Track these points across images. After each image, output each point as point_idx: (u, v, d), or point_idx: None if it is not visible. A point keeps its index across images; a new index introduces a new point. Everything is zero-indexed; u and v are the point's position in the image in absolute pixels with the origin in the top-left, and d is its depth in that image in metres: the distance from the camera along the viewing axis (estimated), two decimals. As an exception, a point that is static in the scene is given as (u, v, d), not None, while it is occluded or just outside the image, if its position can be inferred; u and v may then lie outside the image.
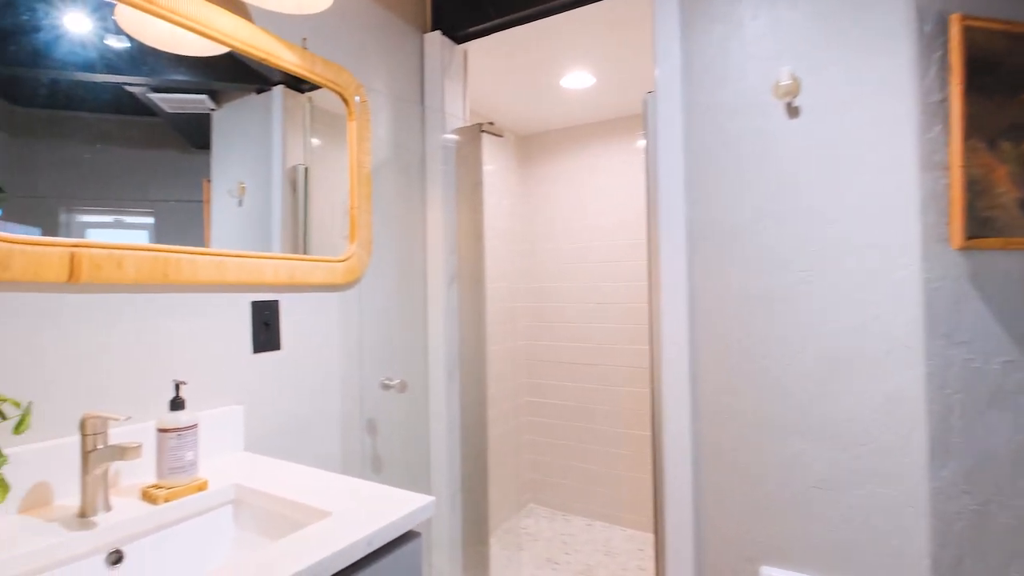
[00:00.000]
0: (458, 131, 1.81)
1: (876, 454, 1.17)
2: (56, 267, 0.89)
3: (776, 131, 1.28)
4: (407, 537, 0.87)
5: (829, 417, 1.22)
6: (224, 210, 1.18)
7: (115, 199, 1.00)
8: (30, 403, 0.81)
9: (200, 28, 1.11)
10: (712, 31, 1.35)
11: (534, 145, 3.08)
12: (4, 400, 0.78)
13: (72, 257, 0.91)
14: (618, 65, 2.15)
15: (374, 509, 0.85)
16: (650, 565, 2.43)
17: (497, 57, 2.07)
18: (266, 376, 1.26)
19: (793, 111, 1.26)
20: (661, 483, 1.42)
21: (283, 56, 1.29)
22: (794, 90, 1.25)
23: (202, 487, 0.94)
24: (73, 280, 0.91)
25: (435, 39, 1.79)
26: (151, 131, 1.05)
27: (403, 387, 1.54)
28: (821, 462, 1.23)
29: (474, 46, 1.92)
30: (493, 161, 2.85)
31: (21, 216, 0.88)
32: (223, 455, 1.14)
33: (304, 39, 1.38)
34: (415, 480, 1.73)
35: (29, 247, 0.86)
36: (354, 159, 1.50)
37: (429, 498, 0.90)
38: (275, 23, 1.31)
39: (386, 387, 1.57)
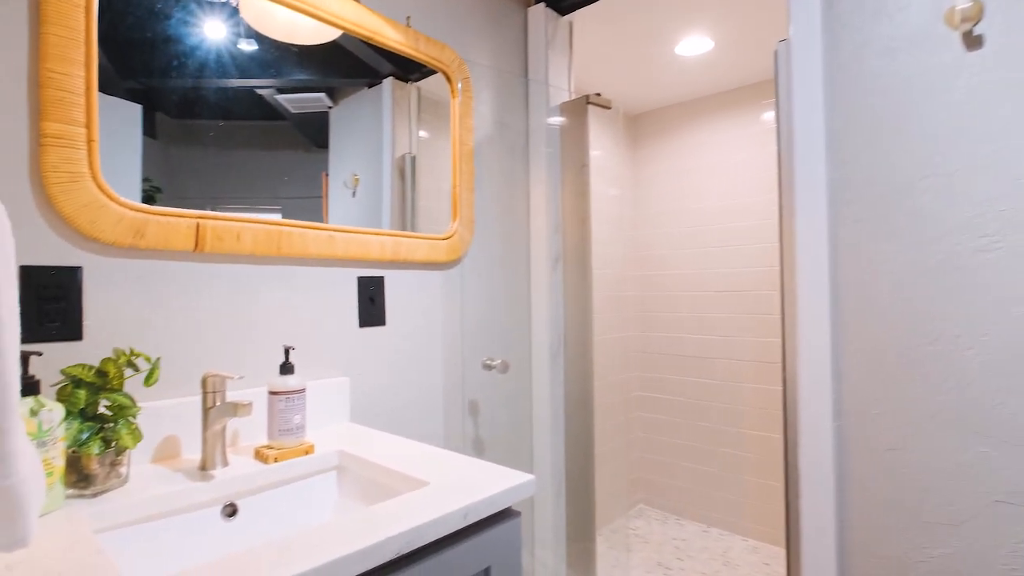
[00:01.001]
0: (563, 106, 1.73)
1: (1096, 467, 0.92)
2: (184, 236, 0.95)
3: (948, 68, 1.05)
4: (506, 515, 0.81)
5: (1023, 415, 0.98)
6: (339, 200, 1.22)
7: (251, 198, 1.08)
8: (159, 358, 0.87)
9: (313, 11, 1.15)
10: (861, -42, 1.15)
11: (646, 124, 2.91)
12: (138, 355, 0.84)
13: (198, 227, 0.97)
14: (740, 24, 1.94)
15: (472, 483, 0.81)
16: (778, 582, 2.18)
17: (605, 26, 1.96)
18: (371, 350, 1.27)
19: (973, 41, 1.03)
20: (795, 490, 1.24)
21: (389, 35, 1.30)
22: (975, 15, 1.01)
23: (309, 451, 0.96)
24: (198, 250, 0.97)
25: (539, 12, 1.73)
26: (280, 134, 1.13)
27: (505, 367, 1.50)
28: (1012, 470, 0.99)
29: (579, 16, 1.83)
30: (601, 146, 2.74)
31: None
32: (330, 424, 1.17)
33: (408, 17, 1.39)
34: (517, 466, 1.68)
35: (162, 217, 0.93)
36: (456, 137, 1.48)
37: (529, 476, 0.83)
38: (380, 2, 1.33)
39: (488, 367, 1.54)
